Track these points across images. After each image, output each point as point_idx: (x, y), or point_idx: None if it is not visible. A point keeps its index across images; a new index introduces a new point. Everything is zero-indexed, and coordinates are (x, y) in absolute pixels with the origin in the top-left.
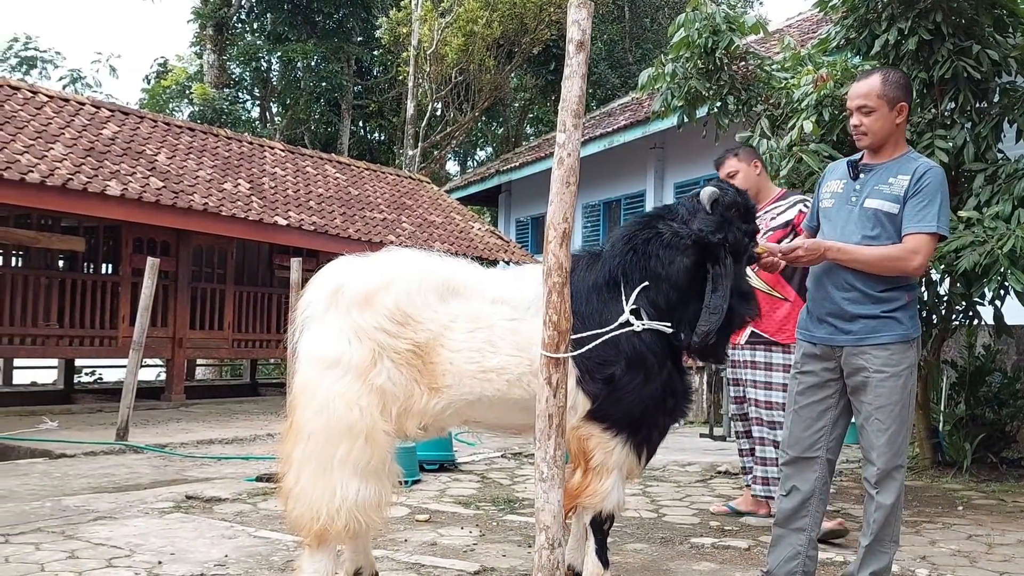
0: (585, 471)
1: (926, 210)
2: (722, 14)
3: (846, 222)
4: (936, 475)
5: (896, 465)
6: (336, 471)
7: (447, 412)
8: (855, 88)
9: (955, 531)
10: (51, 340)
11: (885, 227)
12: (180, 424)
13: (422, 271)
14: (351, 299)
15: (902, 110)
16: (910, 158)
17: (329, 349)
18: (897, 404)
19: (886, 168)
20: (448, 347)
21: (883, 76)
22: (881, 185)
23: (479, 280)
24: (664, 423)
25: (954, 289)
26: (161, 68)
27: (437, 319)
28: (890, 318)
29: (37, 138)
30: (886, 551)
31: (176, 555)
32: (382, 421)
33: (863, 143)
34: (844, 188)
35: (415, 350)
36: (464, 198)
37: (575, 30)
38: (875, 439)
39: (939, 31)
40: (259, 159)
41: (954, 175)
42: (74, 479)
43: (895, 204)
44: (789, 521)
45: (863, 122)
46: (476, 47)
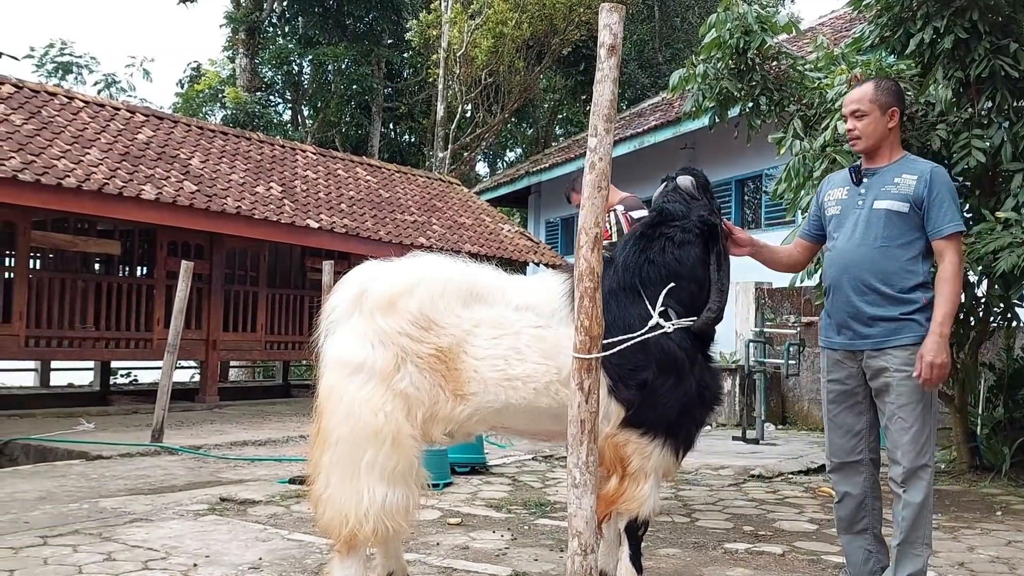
0: (622, 477)
1: (950, 210)
2: (754, 14)
3: (855, 225)
4: (974, 479)
5: (922, 464)
6: (363, 476)
7: (473, 419)
8: (849, 96)
9: (994, 536)
10: (87, 342)
11: (896, 226)
12: (214, 425)
13: (446, 276)
14: (375, 303)
15: (894, 115)
16: (910, 159)
17: (353, 354)
18: (919, 403)
19: (888, 170)
20: (472, 354)
21: (875, 83)
22: (887, 186)
23: (503, 286)
24: (701, 416)
25: (992, 291)
26: (194, 72)
27: (460, 324)
28: (909, 320)
29: (73, 143)
30: (919, 554)
31: (211, 558)
32: (408, 426)
33: (858, 146)
34: (849, 194)
35: (438, 355)
36: (494, 199)
37: (606, 34)
38: (899, 438)
39: (975, 29)
40: (291, 162)
41: (991, 175)
42: (111, 480)
43: (904, 203)
44: (851, 526)
45: (856, 126)
46: (506, 48)
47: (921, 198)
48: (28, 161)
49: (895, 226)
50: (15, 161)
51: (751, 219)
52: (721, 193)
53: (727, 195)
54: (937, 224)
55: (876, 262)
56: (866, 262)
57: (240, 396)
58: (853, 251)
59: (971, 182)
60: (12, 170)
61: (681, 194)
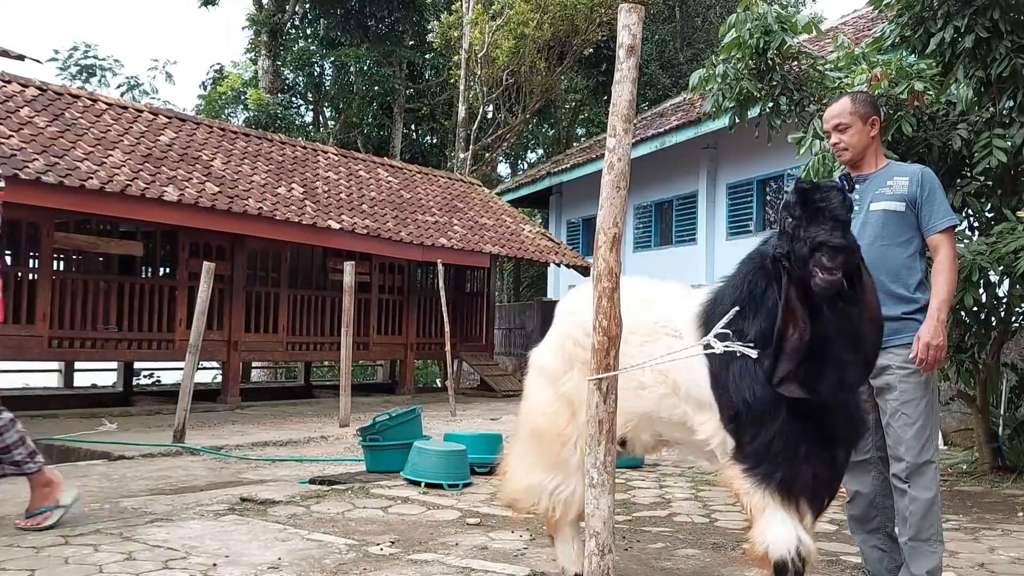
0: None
1: (942, 206)
2: (774, 14)
3: (856, 229)
4: (996, 480)
5: (926, 460)
6: (534, 466)
7: (628, 425)
8: (829, 112)
9: (1015, 538)
10: (110, 343)
11: (894, 225)
12: (235, 426)
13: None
14: (562, 311)
15: (874, 124)
16: (897, 163)
17: (540, 357)
18: (922, 399)
19: (878, 176)
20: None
21: (852, 97)
22: (882, 188)
23: (659, 297)
24: (825, 454)
25: (1014, 291)
26: (217, 74)
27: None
28: (911, 319)
29: (96, 145)
30: (934, 550)
31: (230, 557)
32: (570, 427)
33: (844, 157)
34: None
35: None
36: (515, 200)
37: (625, 34)
38: (903, 433)
39: (997, 28)
40: (312, 163)
41: (1013, 175)
42: (132, 481)
43: (900, 203)
44: (863, 524)
45: (841, 139)
46: (527, 49)
47: (915, 196)
48: (52, 163)
49: (893, 225)
50: (39, 163)
51: (774, 220)
52: (743, 193)
53: (749, 195)
54: (933, 219)
55: (880, 261)
56: (870, 263)
57: (262, 397)
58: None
59: (992, 182)
60: (36, 172)
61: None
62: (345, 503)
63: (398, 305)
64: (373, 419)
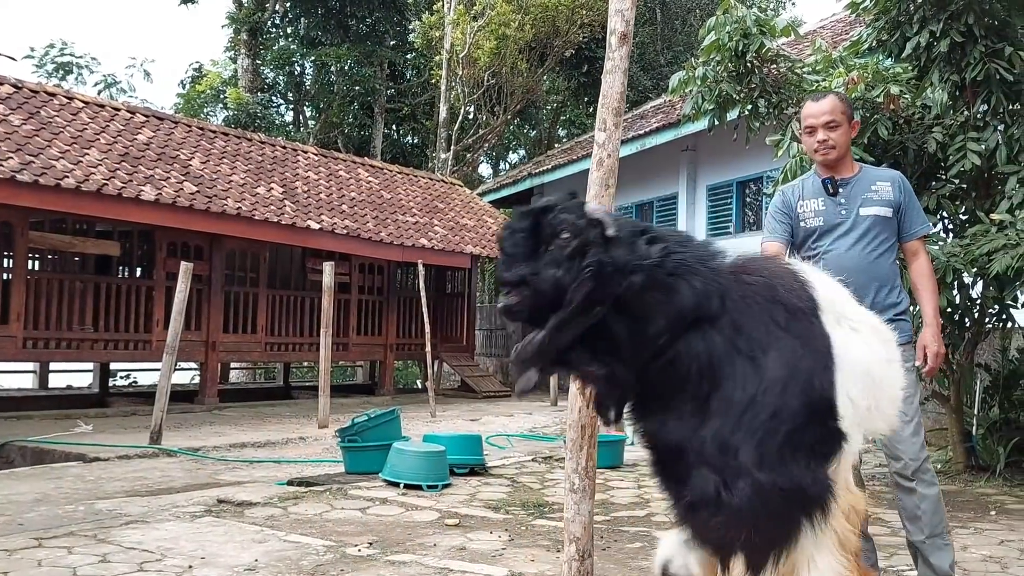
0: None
1: (920, 212)
2: (752, 17)
3: (846, 233)
4: (969, 479)
5: (925, 456)
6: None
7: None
8: (818, 107)
9: (987, 536)
10: (86, 344)
11: (882, 231)
12: (213, 427)
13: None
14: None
15: (855, 126)
16: (870, 168)
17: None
18: (915, 396)
19: (859, 179)
20: None
21: (839, 96)
22: (868, 194)
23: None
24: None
25: (987, 292)
26: (196, 73)
27: None
28: (900, 320)
29: (72, 144)
30: (947, 543)
31: (206, 559)
32: None
33: (831, 156)
34: (827, 205)
35: None
36: (496, 201)
37: (618, 20)
38: (901, 432)
39: (971, 33)
40: (292, 163)
41: (987, 178)
42: (107, 482)
43: (888, 208)
44: None
45: (830, 136)
46: (508, 50)
47: (900, 202)
48: (27, 161)
49: (882, 231)
50: (13, 161)
51: (752, 221)
52: (722, 195)
53: (728, 197)
54: (914, 226)
55: (873, 267)
56: (863, 268)
57: (240, 398)
58: (853, 258)
59: (966, 184)
60: (10, 170)
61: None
62: (323, 504)
63: (378, 306)
64: (352, 420)
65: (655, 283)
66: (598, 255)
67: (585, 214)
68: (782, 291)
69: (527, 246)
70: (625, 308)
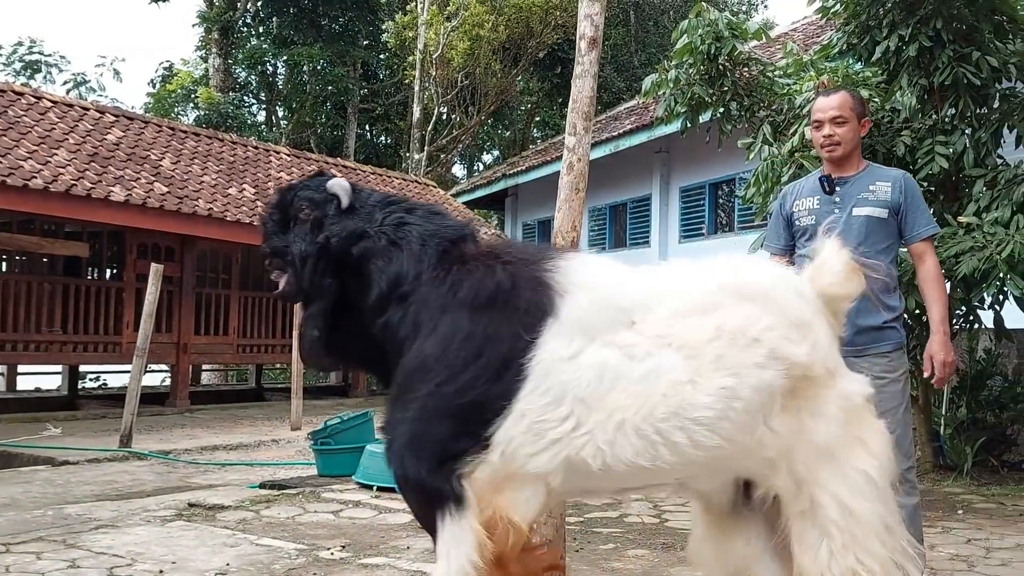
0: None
1: (925, 213)
2: (724, 20)
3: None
4: (937, 479)
5: (907, 467)
6: None
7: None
8: (827, 102)
9: (954, 535)
10: (55, 346)
11: (875, 233)
12: (184, 430)
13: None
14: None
15: (865, 125)
16: (877, 167)
17: None
18: (899, 407)
19: (860, 178)
20: None
21: (850, 93)
22: (864, 193)
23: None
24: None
25: (954, 294)
26: (166, 72)
27: None
28: (890, 328)
29: (40, 144)
30: (920, 551)
31: (177, 564)
32: None
33: (836, 153)
34: (821, 203)
35: None
36: (470, 202)
37: (587, 25)
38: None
39: (940, 37)
40: (264, 163)
41: (954, 181)
42: (77, 487)
43: (884, 209)
44: None
45: (837, 132)
46: (482, 51)
47: (899, 204)
48: None
49: (876, 232)
50: None
51: (725, 222)
52: (695, 197)
53: (701, 199)
54: (917, 227)
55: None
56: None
57: (212, 400)
58: None
59: (935, 187)
60: None
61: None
62: (296, 507)
63: None
64: (325, 422)
65: (377, 250)
66: (331, 226)
67: (323, 188)
68: (490, 286)
69: (278, 222)
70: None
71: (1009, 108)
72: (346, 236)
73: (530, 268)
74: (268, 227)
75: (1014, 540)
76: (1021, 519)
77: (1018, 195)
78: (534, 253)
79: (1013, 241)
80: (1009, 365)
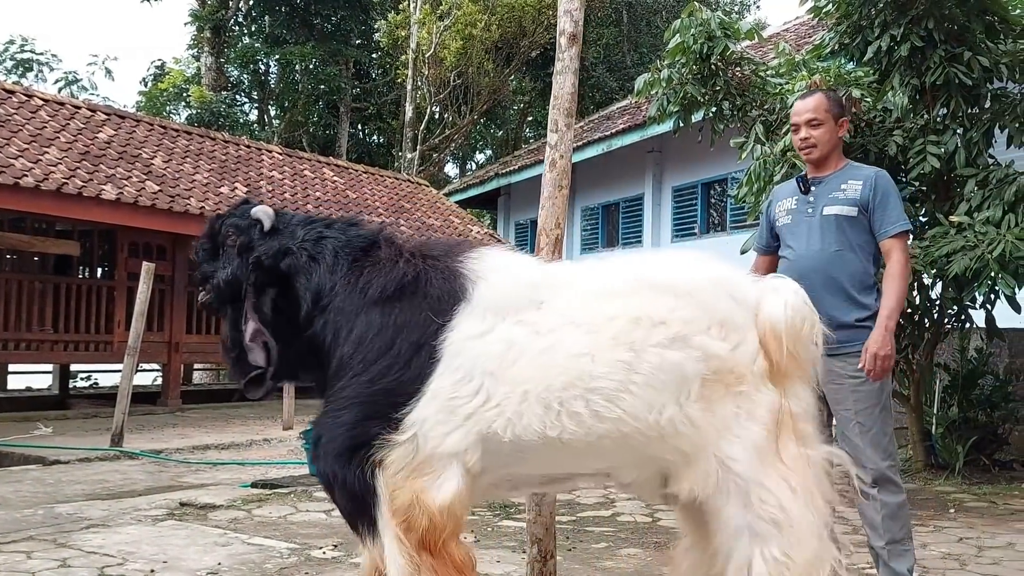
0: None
1: (895, 210)
2: (717, 20)
3: (808, 234)
4: (929, 477)
5: (889, 465)
6: None
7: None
8: (803, 105)
9: (946, 534)
10: (46, 345)
11: (845, 232)
12: (176, 429)
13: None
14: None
15: (844, 124)
16: (854, 166)
17: None
18: (876, 406)
19: (834, 178)
20: None
21: (826, 94)
22: (835, 193)
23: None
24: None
25: (946, 293)
26: (158, 71)
27: None
28: (863, 327)
29: (32, 142)
30: (907, 548)
31: (168, 563)
32: None
33: (813, 155)
34: (798, 203)
35: None
36: (463, 201)
37: (566, 21)
38: (859, 441)
39: (931, 37)
40: (256, 162)
41: (946, 180)
42: (68, 486)
43: (853, 207)
44: None
45: (813, 134)
46: (475, 50)
47: (867, 201)
48: None
49: (847, 231)
50: None
51: (717, 222)
52: (688, 196)
53: (693, 198)
54: (884, 224)
55: (833, 267)
56: (824, 268)
57: (204, 399)
58: (811, 258)
59: (926, 187)
60: None
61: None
62: (287, 506)
63: None
64: None
65: (300, 267)
66: (259, 247)
67: (248, 215)
68: (396, 280)
69: (208, 250)
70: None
71: (1000, 108)
72: (273, 254)
73: (444, 260)
74: (200, 255)
75: (1005, 539)
76: (1012, 518)
77: (1009, 195)
78: (450, 247)
79: (1004, 240)
80: (1000, 364)
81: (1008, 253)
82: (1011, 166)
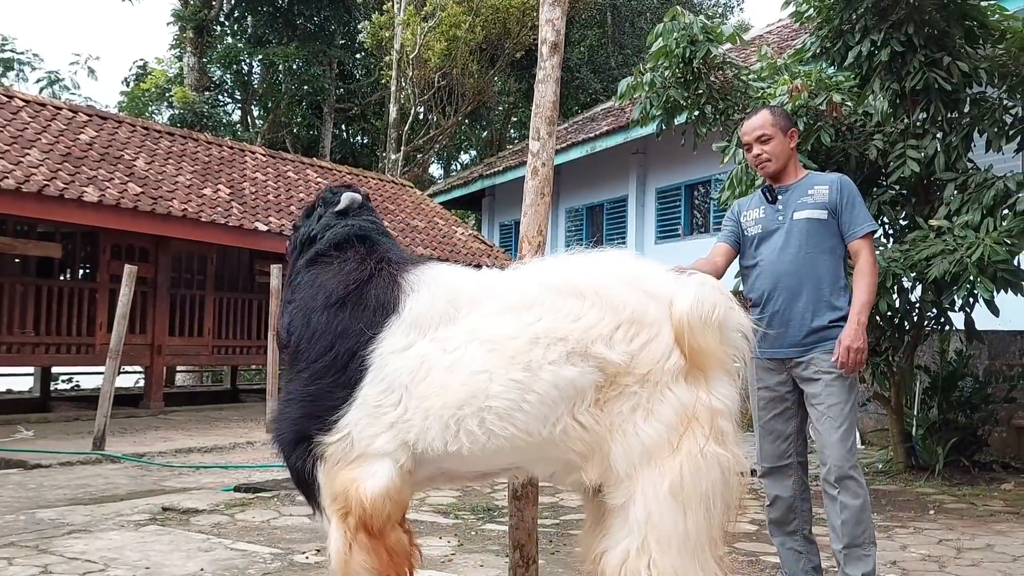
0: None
1: (861, 212)
2: (699, 24)
3: (783, 239)
4: (909, 479)
5: (852, 464)
6: None
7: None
8: (750, 123)
9: (926, 535)
10: (27, 348)
11: (817, 234)
12: (159, 432)
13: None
14: None
15: (793, 135)
16: (816, 174)
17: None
18: (846, 403)
19: (800, 185)
20: None
21: (771, 109)
22: (803, 198)
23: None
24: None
25: (925, 296)
26: (140, 71)
27: None
28: (836, 327)
29: (12, 143)
30: (868, 553)
31: (151, 569)
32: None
33: (768, 168)
34: (766, 212)
35: None
36: (447, 202)
37: (548, 30)
38: (828, 436)
39: (911, 42)
40: (239, 164)
41: (926, 184)
42: (49, 490)
43: (823, 211)
44: (782, 527)
45: (764, 149)
46: (459, 51)
47: (836, 204)
48: None
49: (817, 234)
50: None
51: (700, 223)
52: (671, 198)
53: (677, 200)
54: (853, 225)
55: (807, 270)
56: (798, 271)
57: (187, 402)
58: (786, 262)
59: (906, 191)
60: None
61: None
62: (271, 511)
63: None
64: None
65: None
66: (307, 225)
67: (338, 193)
68: (344, 289)
69: (305, 211)
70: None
71: (979, 112)
72: (307, 233)
73: (394, 268)
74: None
75: (984, 540)
76: (992, 519)
77: (988, 199)
78: (403, 256)
79: (983, 244)
80: (980, 366)
81: (987, 257)
82: (990, 170)
